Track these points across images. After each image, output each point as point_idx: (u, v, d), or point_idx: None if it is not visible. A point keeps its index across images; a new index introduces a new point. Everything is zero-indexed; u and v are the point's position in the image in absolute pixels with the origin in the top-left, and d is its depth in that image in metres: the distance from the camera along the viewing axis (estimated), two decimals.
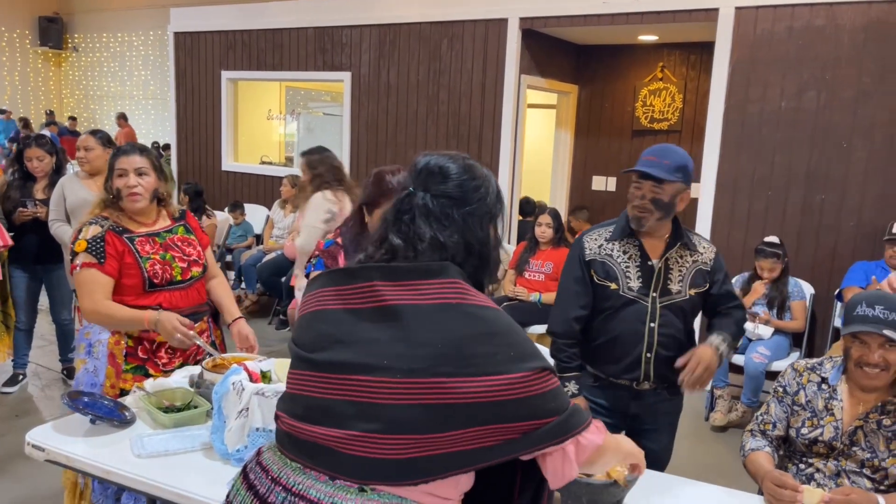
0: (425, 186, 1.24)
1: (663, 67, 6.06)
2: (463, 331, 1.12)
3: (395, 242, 1.21)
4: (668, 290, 2.20)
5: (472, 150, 5.57)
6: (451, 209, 1.22)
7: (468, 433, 1.10)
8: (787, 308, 4.15)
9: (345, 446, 1.13)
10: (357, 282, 1.19)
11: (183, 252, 2.38)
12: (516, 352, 1.13)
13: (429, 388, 1.09)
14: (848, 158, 4.20)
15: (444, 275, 1.16)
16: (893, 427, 1.90)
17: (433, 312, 1.13)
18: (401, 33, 5.84)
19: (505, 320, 1.17)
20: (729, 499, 1.84)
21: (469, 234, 1.22)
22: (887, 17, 4.02)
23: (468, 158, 1.29)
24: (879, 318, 1.85)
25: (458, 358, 1.10)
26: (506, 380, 1.10)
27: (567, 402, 1.18)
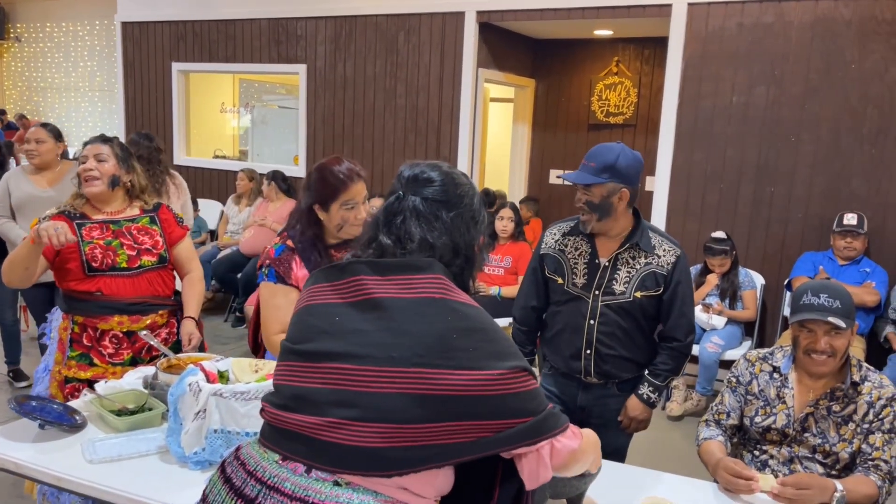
0: (414, 190, 1.30)
1: (618, 62, 6.14)
2: (445, 325, 1.15)
3: (385, 242, 1.27)
4: (611, 290, 2.20)
5: (431, 144, 5.55)
6: (439, 211, 1.28)
7: (444, 427, 1.12)
8: (739, 298, 4.26)
9: (321, 433, 1.15)
10: (346, 276, 1.24)
11: (134, 240, 2.38)
12: (496, 349, 1.16)
13: (409, 377, 1.12)
14: (796, 152, 4.32)
15: (430, 271, 1.21)
16: (843, 413, 1.97)
17: (418, 305, 1.17)
18: (357, 25, 5.77)
19: (486, 319, 1.21)
20: (686, 487, 1.88)
21: (456, 236, 1.28)
22: (833, 14, 4.14)
23: (451, 168, 1.36)
24: (825, 306, 1.91)
25: (440, 350, 1.13)
26: (484, 375, 1.12)
27: (544, 405, 1.20)
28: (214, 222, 6.43)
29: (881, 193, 4.10)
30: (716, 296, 4.27)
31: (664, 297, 2.21)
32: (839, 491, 1.77)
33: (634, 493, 1.75)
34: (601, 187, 2.13)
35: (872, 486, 1.86)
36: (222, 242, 6.03)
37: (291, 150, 6.65)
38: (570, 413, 2.32)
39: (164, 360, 2.09)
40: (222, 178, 6.70)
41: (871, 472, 1.90)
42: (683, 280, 2.22)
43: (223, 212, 6.33)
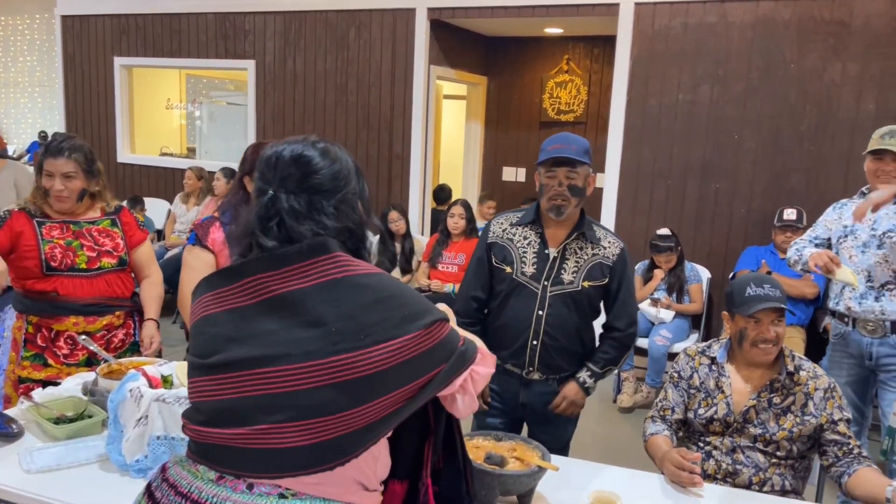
0: (286, 187, 1.20)
1: (569, 60, 6.21)
2: (353, 303, 1.12)
3: (268, 244, 1.19)
4: (560, 280, 2.22)
5: (384, 140, 5.52)
6: (320, 203, 1.20)
7: (376, 404, 1.11)
8: (686, 292, 4.36)
9: (253, 442, 1.11)
10: (242, 279, 1.17)
11: (95, 241, 2.37)
12: (407, 313, 1.15)
13: (330, 367, 1.09)
14: (739, 149, 4.44)
15: (325, 251, 1.16)
16: (782, 404, 2.03)
17: (321, 291, 1.13)
18: (306, 21, 5.70)
19: (392, 283, 1.19)
20: (634, 480, 1.91)
21: (345, 220, 1.22)
22: (773, 14, 4.27)
23: (319, 142, 1.25)
24: (770, 296, 1.99)
25: (354, 331, 1.10)
26: (402, 342, 1.12)
27: (458, 341, 1.22)
28: (161, 221, 6.27)
29: (819, 189, 4.24)
30: (663, 290, 4.37)
31: (610, 287, 2.26)
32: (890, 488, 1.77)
33: (582, 488, 1.77)
34: (585, 169, 2.18)
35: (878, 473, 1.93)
36: (170, 242, 5.89)
37: (241, 147, 6.51)
38: (511, 411, 2.34)
39: (104, 365, 2.03)
40: (169, 176, 6.54)
41: (863, 461, 1.96)
42: (627, 272, 2.29)
43: (170, 210, 6.17)
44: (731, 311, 2.09)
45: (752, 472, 2.03)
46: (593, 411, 4.07)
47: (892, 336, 2.78)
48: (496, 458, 1.65)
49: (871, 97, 4.13)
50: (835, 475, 1.98)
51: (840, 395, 2.06)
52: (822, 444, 2.02)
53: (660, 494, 1.83)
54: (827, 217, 3.02)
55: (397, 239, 5.00)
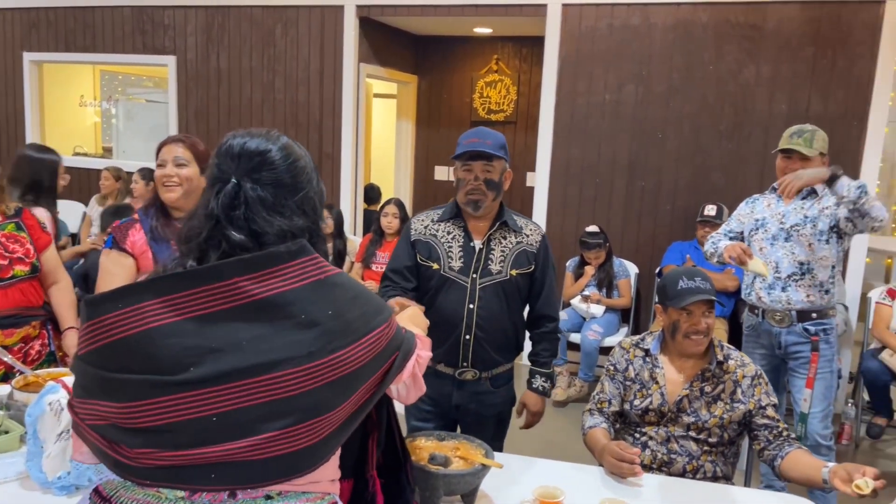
0: (251, 176, 1.18)
1: (498, 60, 6.27)
2: (338, 302, 1.14)
3: (236, 238, 1.15)
4: (488, 271, 2.22)
5: (313, 139, 5.42)
6: (284, 198, 1.19)
7: (354, 398, 1.14)
8: (615, 287, 4.47)
9: (257, 453, 1.06)
10: (209, 283, 1.09)
11: (5, 249, 2.22)
12: (372, 307, 1.19)
13: (328, 366, 1.10)
14: (662, 148, 4.59)
15: (304, 254, 1.15)
16: (713, 393, 2.11)
17: (308, 293, 1.12)
18: (230, 16, 5.53)
19: (355, 281, 1.23)
20: (575, 473, 1.94)
21: (309, 218, 1.23)
22: (692, 17, 4.43)
23: (281, 137, 1.24)
24: (701, 288, 2.07)
25: (342, 329, 1.12)
26: (376, 335, 1.17)
27: (402, 331, 1.27)
28: (76, 225, 5.95)
29: (738, 185, 4.43)
30: (594, 286, 4.46)
31: (535, 274, 2.29)
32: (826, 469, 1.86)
33: (525, 484, 1.78)
34: (500, 163, 2.19)
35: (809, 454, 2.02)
36: (85, 246, 5.59)
37: None
38: (445, 413, 2.32)
39: (19, 377, 1.91)
40: (84, 177, 6.21)
41: (793, 444, 2.05)
42: (550, 258, 2.33)
43: (85, 213, 5.87)
44: (664, 304, 2.15)
45: (686, 461, 2.09)
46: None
47: (799, 325, 2.92)
48: (440, 459, 1.64)
49: (783, 98, 4.34)
50: (767, 458, 2.06)
51: (766, 381, 2.15)
52: (752, 429, 2.10)
53: (601, 486, 1.86)
54: (740, 211, 3.16)
55: (328, 239, 4.91)
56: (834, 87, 4.25)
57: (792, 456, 2.00)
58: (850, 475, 1.74)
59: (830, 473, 1.81)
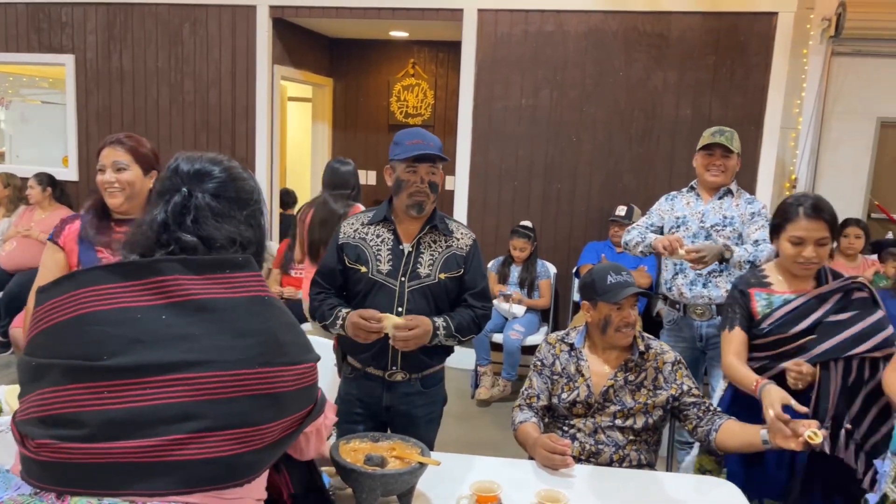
0: (200, 187, 1.23)
1: (414, 64, 6.28)
2: (275, 322, 1.16)
3: (187, 240, 1.18)
4: (417, 274, 2.20)
5: (226, 143, 5.25)
6: (233, 211, 1.24)
7: (279, 424, 1.14)
8: (536, 287, 4.56)
9: (165, 454, 1.03)
10: (153, 275, 1.11)
11: None
12: (305, 341, 1.22)
13: (255, 378, 1.10)
14: (577, 151, 4.73)
15: (249, 268, 1.18)
16: (636, 381, 2.19)
17: (247, 304, 1.14)
18: (133, 14, 5.28)
19: (289, 312, 1.24)
20: (507, 468, 1.96)
21: (252, 233, 1.27)
22: (603, 25, 4.59)
23: (230, 160, 1.32)
24: (629, 282, 2.16)
25: (276, 347, 1.13)
26: (304, 368, 1.18)
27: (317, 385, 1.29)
28: None
29: (648, 187, 4.62)
30: (516, 285, 4.54)
31: (465, 278, 2.27)
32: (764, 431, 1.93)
33: (461, 480, 1.78)
34: (441, 165, 2.19)
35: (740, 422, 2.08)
36: None
37: (59, 150, 5.91)
38: (375, 415, 2.29)
39: None
40: None
41: (722, 416, 2.12)
42: (480, 261, 2.33)
43: None
44: (592, 300, 2.21)
45: (613, 451, 2.15)
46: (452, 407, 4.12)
47: (718, 318, 3.09)
48: (376, 459, 1.61)
49: (687, 103, 4.57)
50: (702, 435, 2.13)
51: (686, 366, 2.25)
52: (681, 410, 2.18)
53: (534, 479, 1.89)
54: (661, 206, 3.30)
55: None
56: (733, 94, 4.51)
57: (725, 427, 2.08)
58: (793, 431, 1.83)
59: (770, 434, 1.90)
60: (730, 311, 2.26)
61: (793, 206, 2.17)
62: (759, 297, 2.21)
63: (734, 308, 2.25)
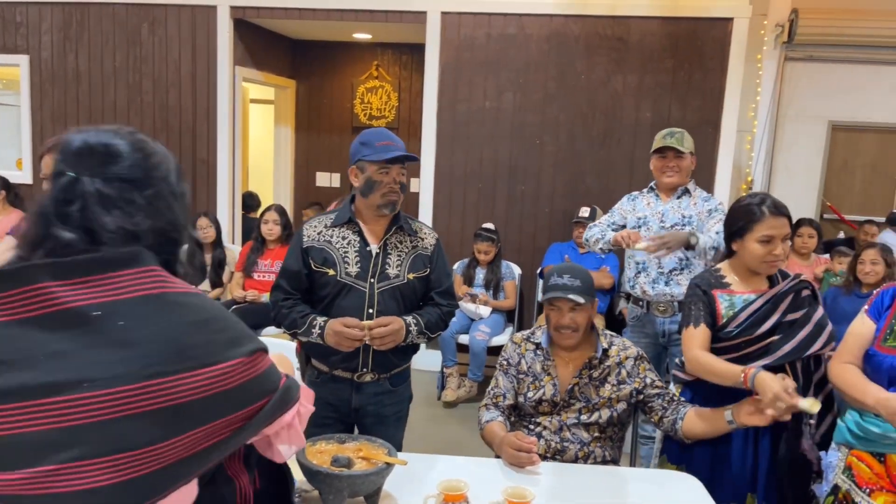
0: (92, 170, 1.05)
1: (378, 66, 6.27)
2: (173, 323, 1.00)
3: (65, 237, 1.01)
4: (386, 275, 2.21)
5: (186, 145, 5.17)
6: (131, 193, 1.06)
7: (191, 436, 0.99)
8: (501, 288, 4.60)
9: (34, 488, 0.91)
10: (17, 287, 0.96)
11: None
12: (229, 336, 1.06)
13: (142, 393, 0.95)
14: (540, 153, 4.78)
15: (139, 263, 1.01)
16: (599, 377, 2.22)
17: (134, 307, 0.98)
18: (90, 13, 5.17)
19: (212, 305, 1.09)
20: (474, 467, 1.97)
21: (159, 218, 1.09)
22: (564, 29, 4.65)
23: (136, 133, 1.12)
24: (567, 285, 2.17)
25: (174, 353, 0.98)
26: (224, 368, 1.02)
27: (280, 377, 1.16)
28: None
29: (609, 188, 4.69)
30: (481, 287, 4.57)
31: (431, 276, 2.31)
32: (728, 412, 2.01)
33: (428, 480, 1.79)
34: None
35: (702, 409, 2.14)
36: None
37: (13, 153, 5.75)
38: (344, 417, 2.29)
39: None
40: None
41: (686, 405, 2.17)
42: (445, 261, 2.37)
43: None
44: (543, 293, 2.25)
45: (578, 448, 2.18)
46: (419, 410, 4.13)
47: (680, 314, 3.17)
48: (343, 461, 1.61)
49: (647, 106, 4.65)
50: (668, 425, 2.17)
51: (648, 360, 2.29)
52: (646, 402, 2.22)
53: (501, 477, 1.90)
54: (622, 206, 3.37)
55: (207, 249, 4.70)
56: (691, 97, 4.61)
57: (690, 415, 2.13)
58: (756, 408, 1.92)
59: (734, 415, 1.98)
60: (693, 309, 2.24)
61: (756, 207, 2.16)
62: (721, 299, 2.22)
63: (698, 306, 2.23)
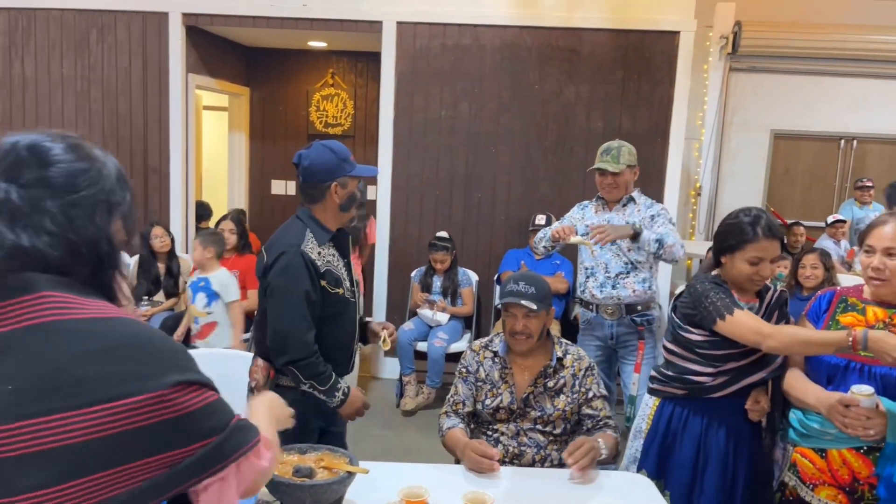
0: (9, 176, 0.95)
1: (333, 74, 6.27)
2: (61, 353, 0.89)
3: None
4: (356, 282, 2.38)
5: (137, 153, 5.08)
6: (43, 201, 0.95)
7: (82, 484, 0.87)
8: (459, 295, 4.65)
9: None
10: None
11: None
12: (146, 367, 0.92)
13: (17, 434, 0.85)
14: (495, 162, 4.85)
15: (28, 291, 0.91)
16: (555, 386, 2.27)
17: (15, 339, 0.89)
18: (37, 19, 5.05)
19: (129, 330, 0.95)
20: (436, 473, 2.01)
21: (72, 232, 0.96)
22: (518, 40, 4.74)
23: (73, 137, 1.02)
24: (522, 292, 2.22)
25: (58, 388, 0.87)
26: (133, 403, 0.89)
27: (228, 419, 1.00)
28: None
29: (563, 196, 4.79)
30: (439, 294, 4.60)
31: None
32: (600, 443, 2.09)
33: (389, 488, 1.81)
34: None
35: (613, 439, 2.21)
36: None
37: None
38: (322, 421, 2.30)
39: None
40: None
41: (608, 429, 2.23)
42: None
43: None
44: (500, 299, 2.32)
45: (535, 452, 2.24)
46: (378, 418, 4.14)
47: (627, 317, 3.30)
48: (305, 471, 1.62)
49: (598, 116, 4.77)
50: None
51: (598, 373, 2.36)
52: (580, 416, 2.29)
53: (462, 482, 1.94)
54: (573, 214, 3.49)
55: (161, 259, 4.63)
56: (640, 107, 4.75)
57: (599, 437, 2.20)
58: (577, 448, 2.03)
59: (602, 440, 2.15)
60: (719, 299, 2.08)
61: (749, 227, 2.11)
62: None
63: (720, 294, 2.09)
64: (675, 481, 2.22)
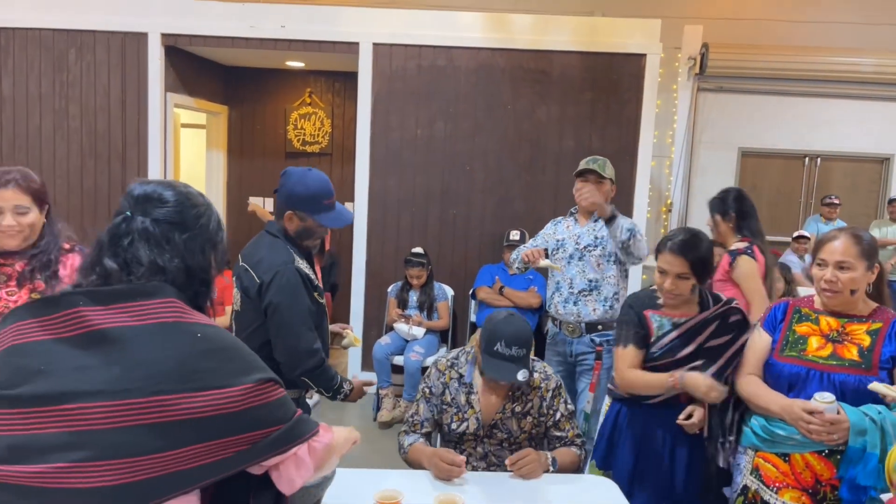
0: (144, 210, 1.25)
1: (311, 93, 6.36)
2: (183, 348, 1.15)
3: (109, 266, 1.22)
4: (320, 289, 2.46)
5: (115, 171, 5.12)
6: (171, 233, 1.25)
7: (193, 450, 1.13)
8: (435, 310, 4.73)
9: (53, 481, 1.07)
10: (60, 310, 1.15)
11: None
12: (239, 366, 1.19)
13: (145, 407, 1.10)
14: (471, 179, 4.97)
15: (160, 295, 1.19)
16: (521, 410, 2.32)
17: (150, 332, 1.15)
18: (15, 38, 5.09)
19: (227, 337, 1.23)
20: (409, 479, 2.09)
21: (190, 259, 1.26)
22: (491, 62, 4.88)
23: (187, 187, 1.32)
24: (515, 357, 2.17)
25: (180, 374, 1.12)
26: (230, 392, 1.15)
27: (293, 411, 1.27)
28: None
29: (536, 212, 4.92)
30: (415, 308, 4.69)
31: None
32: (551, 457, 2.19)
33: (364, 493, 1.89)
34: None
35: (574, 454, 2.30)
36: None
37: None
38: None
39: None
40: None
41: (573, 447, 2.32)
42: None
43: None
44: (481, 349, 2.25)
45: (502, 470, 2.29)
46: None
47: (587, 336, 3.31)
48: None
49: (570, 135, 4.92)
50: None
51: (564, 391, 2.41)
52: (548, 438, 2.37)
53: (431, 488, 2.02)
54: (546, 230, 3.57)
55: None
56: (610, 127, 4.90)
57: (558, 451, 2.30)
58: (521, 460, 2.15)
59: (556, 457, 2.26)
60: (624, 330, 2.32)
61: (665, 240, 2.29)
62: (653, 319, 2.34)
63: (629, 326, 2.31)
64: (617, 474, 2.36)
